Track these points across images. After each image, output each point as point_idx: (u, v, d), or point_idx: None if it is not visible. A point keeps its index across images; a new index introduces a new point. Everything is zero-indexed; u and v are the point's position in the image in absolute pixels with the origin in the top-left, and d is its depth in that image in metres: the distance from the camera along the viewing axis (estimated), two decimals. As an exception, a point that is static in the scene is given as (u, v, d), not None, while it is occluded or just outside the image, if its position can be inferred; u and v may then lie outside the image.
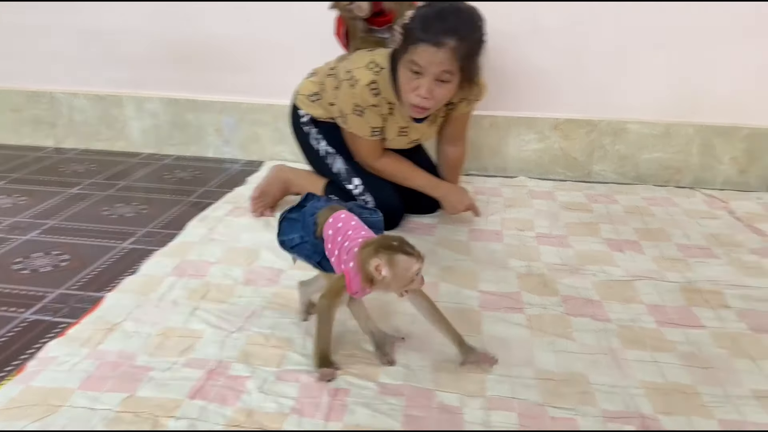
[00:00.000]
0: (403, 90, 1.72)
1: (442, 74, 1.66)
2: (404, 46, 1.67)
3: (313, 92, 1.96)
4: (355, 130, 1.84)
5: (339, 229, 1.23)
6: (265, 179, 2.08)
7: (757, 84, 2.36)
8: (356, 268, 1.16)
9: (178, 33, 2.60)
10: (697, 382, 1.24)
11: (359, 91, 1.76)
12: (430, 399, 1.17)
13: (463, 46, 1.63)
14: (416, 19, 1.66)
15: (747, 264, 1.76)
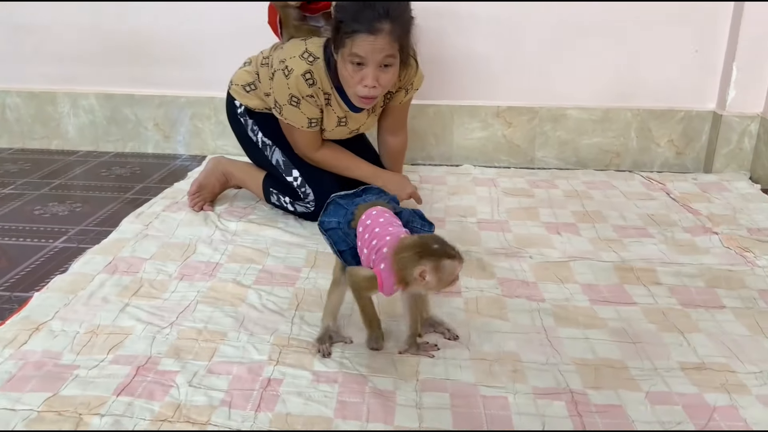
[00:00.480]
0: (349, 84, 1.68)
1: (385, 59, 1.63)
2: (339, 39, 1.65)
3: (248, 82, 1.92)
4: (291, 120, 1.80)
5: (367, 227, 1.20)
6: (203, 173, 2.04)
7: (691, 68, 2.42)
8: (390, 270, 1.13)
9: (112, 26, 2.54)
10: (626, 356, 1.27)
11: (294, 82, 1.72)
12: (363, 384, 1.17)
13: (397, 27, 1.61)
14: (344, 11, 1.62)
15: (680, 242, 1.80)
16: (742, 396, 1.14)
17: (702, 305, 1.46)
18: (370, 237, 1.18)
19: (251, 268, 1.62)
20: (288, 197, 1.91)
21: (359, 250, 1.21)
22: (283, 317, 1.40)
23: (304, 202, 1.89)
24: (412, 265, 1.10)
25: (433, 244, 1.12)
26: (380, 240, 1.16)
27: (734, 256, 1.71)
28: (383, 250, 1.14)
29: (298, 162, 1.90)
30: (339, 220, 1.25)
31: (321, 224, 1.27)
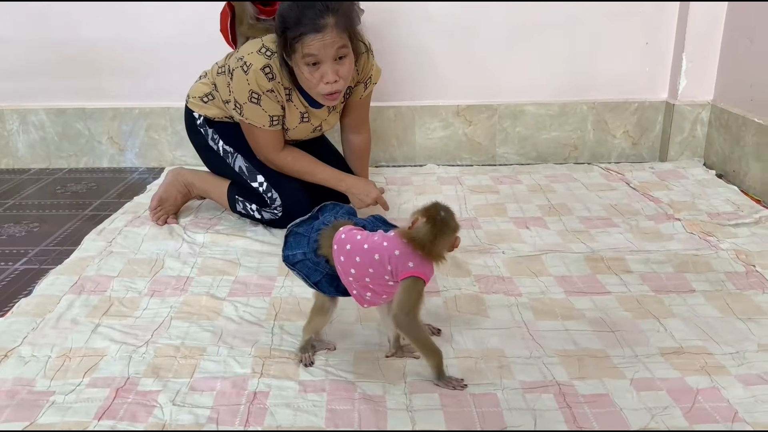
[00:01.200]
0: (311, 85, 1.68)
1: (338, 51, 1.63)
2: (288, 46, 1.63)
3: (205, 93, 1.89)
4: (252, 119, 1.75)
5: (350, 251, 1.14)
6: (163, 186, 1.99)
7: (642, 60, 2.48)
8: (423, 259, 1.12)
9: (61, 38, 2.46)
10: (606, 345, 1.29)
11: (253, 76, 1.69)
12: (351, 391, 1.16)
13: (341, 18, 1.61)
14: (285, 17, 1.62)
15: (645, 230, 1.85)
16: (722, 377, 1.17)
17: (673, 290, 1.50)
18: (363, 258, 1.14)
19: (224, 279, 1.59)
20: (255, 204, 1.88)
21: (343, 274, 1.17)
22: (262, 328, 1.37)
23: (270, 209, 1.86)
24: (448, 239, 1.12)
25: (441, 212, 1.12)
26: (381, 251, 1.13)
27: (698, 241, 1.76)
28: (395, 253, 1.12)
29: (261, 167, 1.87)
30: (304, 251, 1.20)
31: (286, 259, 1.22)
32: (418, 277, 1.13)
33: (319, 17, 1.58)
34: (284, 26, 1.62)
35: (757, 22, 2.16)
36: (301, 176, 1.87)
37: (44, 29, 2.45)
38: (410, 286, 1.13)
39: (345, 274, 1.16)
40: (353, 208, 1.31)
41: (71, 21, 2.44)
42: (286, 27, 1.62)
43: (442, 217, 1.12)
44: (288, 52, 1.65)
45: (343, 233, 1.18)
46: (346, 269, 1.16)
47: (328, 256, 1.18)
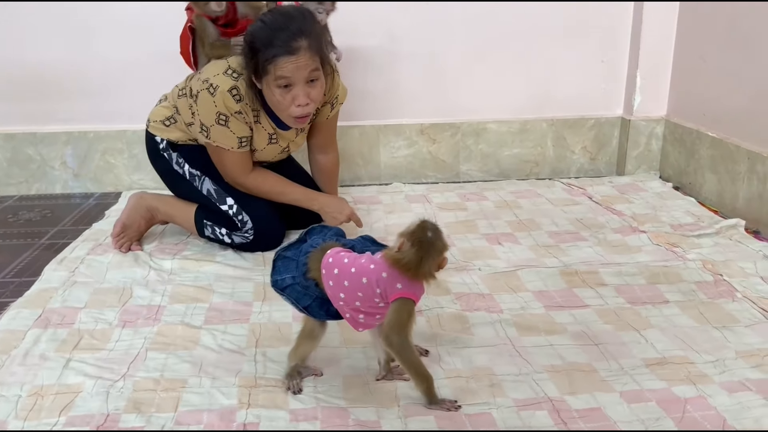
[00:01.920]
0: (281, 107, 1.66)
1: (311, 74, 1.62)
2: (260, 67, 1.61)
3: (166, 116, 1.85)
4: (220, 142, 1.72)
5: (338, 276, 1.13)
6: (125, 211, 1.91)
7: (598, 78, 2.56)
8: (412, 280, 1.10)
9: (8, 60, 2.36)
10: (592, 359, 1.30)
11: (220, 98, 1.66)
12: (345, 418, 1.13)
13: (314, 41, 1.61)
14: (257, 40, 1.60)
15: (613, 243, 1.89)
16: (707, 385, 1.20)
17: (648, 302, 1.53)
18: (351, 282, 1.12)
19: (197, 307, 1.54)
20: (224, 228, 1.83)
21: (333, 299, 1.15)
22: (243, 356, 1.33)
23: (241, 232, 1.82)
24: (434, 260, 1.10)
25: (428, 233, 1.10)
26: (369, 274, 1.12)
27: (665, 252, 1.80)
28: (383, 275, 1.11)
29: (230, 189, 1.83)
30: (293, 275, 1.18)
31: (275, 284, 1.19)
32: (407, 298, 1.12)
33: (293, 39, 1.58)
34: (255, 48, 1.60)
35: (706, 41, 2.25)
36: (271, 197, 1.84)
37: (-10, 51, 2.35)
38: (400, 308, 1.12)
39: (335, 298, 1.14)
40: (341, 229, 1.29)
41: (17, 42, 2.34)
42: (257, 48, 1.60)
43: (429, 238, 1.11)
44: (258, 74, 1.63)
45: (331, 257, 1.16)
46: (336, 294, 1.14)
47: (317, 279, 1.16)
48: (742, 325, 1.42)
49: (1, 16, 2.32)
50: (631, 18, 2.48)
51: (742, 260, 1.74)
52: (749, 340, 1.36)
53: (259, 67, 1.61)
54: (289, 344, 1.34)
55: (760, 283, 1.61)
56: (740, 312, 1.47)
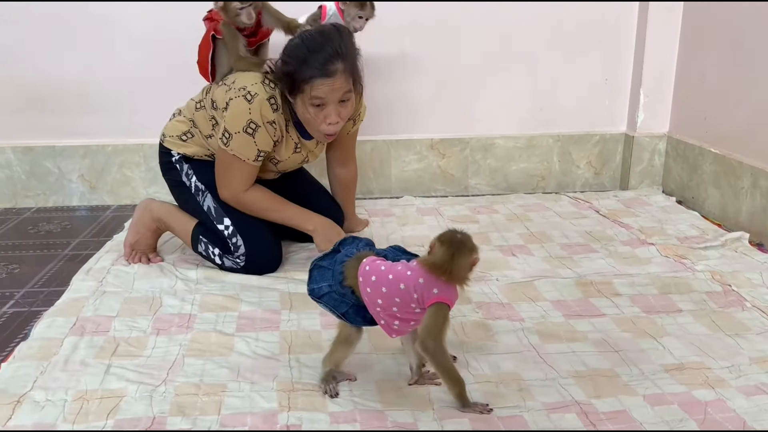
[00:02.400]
0: (313, 124, 1.70)
1: (344, 95, 1.67)
2: (295, 87, 1.65)
3: (183, 131, 1.87)
4: (238, 151, 1.71)
5: (376, 282, 1.18)
6: (131, 229, 1.93)
7: (602, 95, 2.64)
8: (447, 281, 1.16)
9: (30, 76, 2.41)
10: (614, 365, 1.36)
11: (257, 106, 1.68)
12: (383, 420, 1.18)
13: (348, 64, 1.65)
14: (294, 60, 1.64)
15: (623, 255, 1.95)
16: (725, 389, 1.26)
17: (662, 311, 1.59)
18: (389, 288, 1.17)
19: (228, 315, 1.59)
20: (218, 248, 1.82)
21: (370, 305, 1.20)
22: (278, 362, 1.38)
23: (233, 257, 1.80)
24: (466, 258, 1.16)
25: (457, 235, 1.18)
26: (406, 280, 1.17)
27: (674, 264, 1.87)
28: (420, 281, 1.16)
29: (230, 210, 1.81)
30: (330, 283, 1.23)
31: (312, 292, 1.24)
32: (443, 303, 1.17)
33: (329, 62, 1.61)
34: (292, 67, 1.64)
35: (706, 61, 2.34)
36: (266, 215, 1.82)
37: (13, 67, 2.40)
38: (436, 312, 1.17)
39: (372, 304, 1.20)
40: (371, 240, 1.34)
41: (37, 57, 2.40)
42: (294, 67, 1.64)
43: (459, 238, 1.17)
44: (294, 91, 1.67)
45: (367, 265, 1.21)
46: (373, 300, 1.19)
47: (354, 287, 1.21)
48: (754, 333, 1.48)
49: (22, 32, 2.37)
50: (634, 38, 2.56)
51: (748, 271, 1.80)
52: (761, 347, 1.42)
53: (294, 84, 1.65)
54: (320, 350, 1.40)
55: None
56: (750, 320, 1.54)
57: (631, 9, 2.54)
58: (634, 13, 2.54)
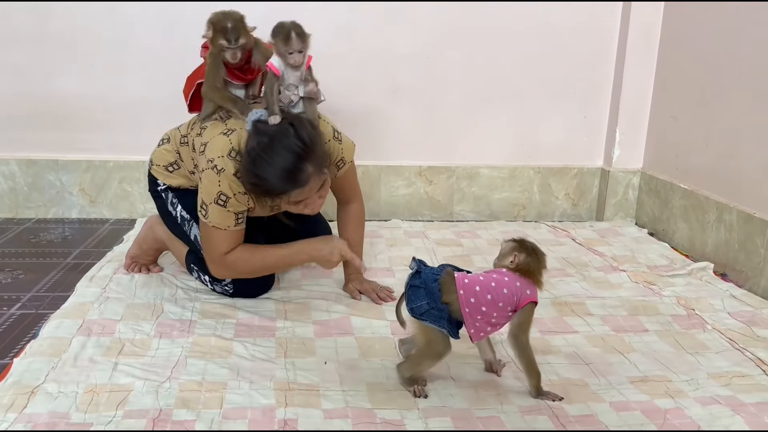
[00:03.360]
0: (294, 210, 1.67)
1: (321, 187, 1.64)
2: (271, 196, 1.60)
3: (170, 162, 1.86)
4: (216, 222, 1.66)
5: (479, 292, 1.33)
6: (135, 243, 2.02)
7: (581, 131, 2.80)
8: (536, 284, 1.37)
9: (37, 93, 2.52)
10: (583, 375, 1.48)
11: (225, 181, 1.62)
12: (372, 417, 1.28)
13: (315, 159, 1.58)
14: (260, 180, 1.56)
15: (596, 279, 2.08)
16: (683, 399, 1.39)
17: (630, 330, 1.72)
18: (494, 295, 1.32)
19: (226, 322, 1.69)
20: (207, 276, 1.83)
21: (473, 313, 1.33)
22: (275, 365, 1.48)
23: (221, 285, 1.82)
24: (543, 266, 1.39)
25: (529, 245, 1.39)
26: (507, 285, 1.34)
27: (643, 289, 2.01)
28: (517, 284, 1.34)
29: None
30: (427, 302, 1.33)
31: (412, 311, 1.35)
32: (533, 302, 1.35)
33: (298, 172, 1.55)
34: (262, 187, 1.58)
35: (678, 103, 2.51)
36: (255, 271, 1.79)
37: (22, 83, 2.51)
38: (528, 311, 1.36)
39: (475, 312, 1.33)
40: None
41: (47, 75, 2.51)
42: (265, 188, 1.58)
43: (527, 245, 1.39)
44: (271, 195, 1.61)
45: (465, 278, 1.36)
46: (477, 308, 1.33)
47: (451, 301, 1.33)
48: (713, 352, 1.61)
49: (35, 51, 2.48)
50: (612, 79, 2.74)
51: (711, 298, 1.94)
52: (718, 364, 1.55)
53: (269, 196, 1.61)
54: (314, 356, 1.51)
55: (728, 318, 1.81)
56: (710, 341, 1.67)
57: (609, 52, 2.72)
58: (612, 56, 2.72)
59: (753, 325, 1.77)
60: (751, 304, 1.90)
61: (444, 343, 1.35)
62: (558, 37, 2.68)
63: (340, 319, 1.74)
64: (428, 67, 2.65)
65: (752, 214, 2.07)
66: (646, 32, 2.63)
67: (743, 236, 2.11)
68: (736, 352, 1.61)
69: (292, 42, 1.60)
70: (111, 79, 2.54)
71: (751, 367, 1.54)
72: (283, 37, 1.61)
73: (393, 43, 2.60)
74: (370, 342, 1.60)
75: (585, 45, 2.71)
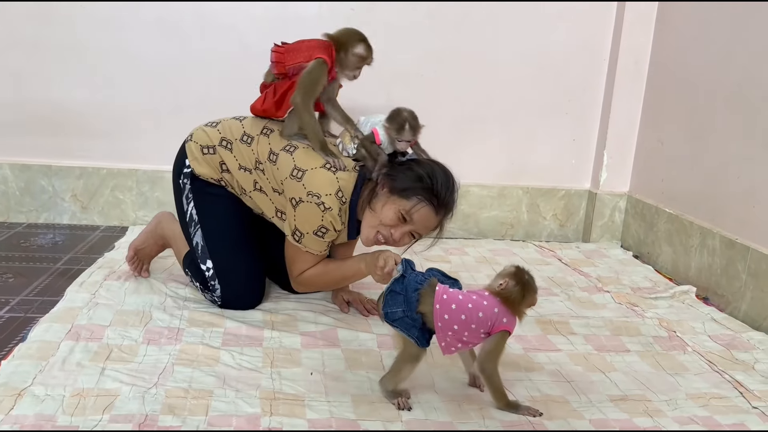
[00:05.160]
0: (377, 224, 1.70)
1: (423, 231, 1.72)
2: (404, 193, 1.66)
3: (207, 145, 1.82)
4: (311, 248, 1.75)
5: (455, 310, 1.34)
6: (142, 235, 2.05)
7: (569, 154, 2.85)
8: (514, 314, 1.36)
9: (34, 99, 2.54)
10: (565, 392, 1.51)
11: (329, 218, 1.70)
12: (356, 427, 1.30)
13: (445, 219, 1.72)
14: (426, 179, 1.66)
15: (581, 299, 2.12)
16: (661, 418, 1.41)
17: (612, 350, 1.75)
18: (468, 316, 1.34)
19: (214, 331, 1.70)
20: (199, 283, 1.87)
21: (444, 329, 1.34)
22: (261, 374, 1.49)
23: (213, 294, 1.84)
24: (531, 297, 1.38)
25: (526, 275, 1.38)
26: (484, 309, 1.35)
27: (626, 310, 2.04)
28: (495, 310, 1.35)
29: (214, 252, 1.83)
30: (403, 309, 1.37)
31: (386, 316, 1.38)
32: (507, 331, 1.36)
33: (444, 206, 1.69)
34: (427, 186, 1.65)
35: (665, 129, 2.57)
36: (331, 283, 1.87)
37: (19, 89, 2.53)
38: (500, 339, 1.36)
39: (446, 329, 1.35)
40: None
41: (44, 82, 2.54)
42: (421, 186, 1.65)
43: (527, 279, 1.38)
44: (395, 192, 1.67)
45: (444, 294, 1.37)
46: (449, 326, 1.34)
47: (426, 312, 1.36)
48: (692, 373, 1.64)
49: (32, 58, 2.51)
50: (601, 104, 2.80)
51: (692, 321, 1.98)
52: (697, 385, 1.58)
53: (405, 191, 1.66)
54: (300, 366, 1.53)
55: (708, 341, 1.85)
56: (690, 363, 1.70)
57: (599, 77, 2.78)
58: (602, 80, 2.78)
59: (732, 348, 1.80)
60: (732, 328, 1.94)
61: (417, 349, 1.38)
62: (549, 61, 2.74)
63: (327, 330, 1.76)
64: (421, 86, 2.69)
65: (734, 240, 2.12)
66: (635, 58, 2.69)
67: (725, 261, 2.15)
68: (715, 374, 1.64)
69: (404, 134, 1.71)
70: (107, 87, 2.57)
71: (728, 389, 1.57)
72: (397, 126, 1.71)
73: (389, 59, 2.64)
74: (356, 354, 1.62)
75: (576, 70, 2.77)
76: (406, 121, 1.71)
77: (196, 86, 2.58)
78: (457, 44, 2.68)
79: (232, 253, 1.85)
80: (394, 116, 1.73)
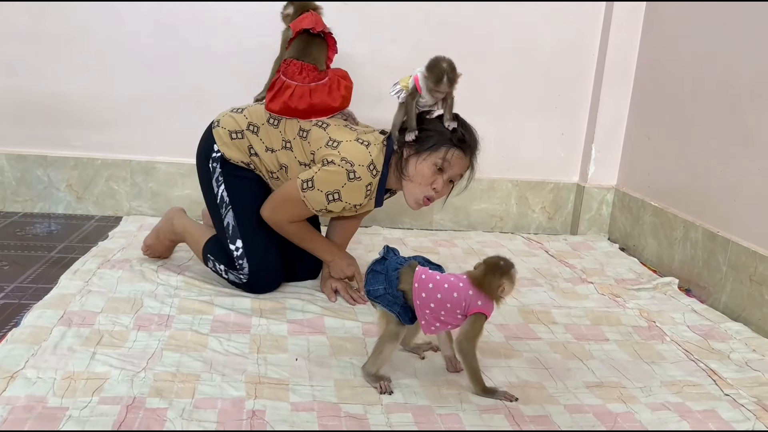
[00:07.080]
0: (420, 183, 1.81)
1: (457, 177, 1.85)
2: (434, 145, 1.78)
3: (235, 130, 1.88)
4: (309, 201, 1.79)
5: (432, 289, 1.40)
6: (153, 233, 2.10)
7: (558, 148, 2.89)
8: (488, 298, 1.40)
9: (30, 89, 2.58)
10: (542, 379, 1.55)
11: (353, 188, 1.77)
12: (337, 410, 1.35)
13: (473, 158, 1.87)
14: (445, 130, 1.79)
15: (564, 290, 2.16)
16: (635, 405, 1.46)
17: (592, 339, 1.80)
18: (443, 295, 1.39)
19: (203, 318, 1.75)
20: (223, 265, 1.92)
21: (422, 307, 1.40)
22: (247, 359, 1.54)
23: (238, 273, 1.90)
24: (495, 280, 1.39)
25: (500, 262, 1.41)
26: (459, 290, 1.40)
27: (608, 301, 2.08)
28: (469, 293, 1.39)
29: (246, 232, 1.89)
30: (384, 287, 1.43)
31: (368, 293, 1.46)
32: (482, 314, 1.40)
33: (470, 147, 1.83)
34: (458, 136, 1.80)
35: (653, 124, 2.61)
36: (296, 241, 1.93)
37: (15, 79, 2.56)
38: (475, 321, 1.41)
39: (424, 307, 1.40)
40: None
41: (40, 72, 2.57)
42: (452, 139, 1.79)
43: (493, 262, 1.42)
44: (425, 146, 1.79)
45: (423, 273, 1.42)
46: (426, 303, 1.40)
47: (407, 291, 1.42)
48: (668, 362, 1.69)
49: (29, 48, 2.54)
50: (590, 98, 2.83)
51: (673, 311, 2.02)
52: (672, 374, 1.62)
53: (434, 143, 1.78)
54: (286, 352, 1.57)
55: (686, 331, 1.89)
56: (668, 352, 1.75)
57: (588, 72, 2.81)
58: (590, 76, 2.82)
59: (709, 338, 1.85)
60: (711, 319, 1.99)
61: (397, 326, 1.44)
62: (539, 57, 2.78)
63: (314, 318, 1.80)
64: (412, 80, 2.72)
65: (716, 233, 2.16)
66: (623, 55, 2.73)
67: (707, 254, 2.20)
68: (691, 362, 1.69)
69: (442, 86, 1.74)
70: (103, 78, 2.60)
71: (702, 377, 1.61)
72: (435, 78, 1.73)
73: (379, 52, 2.68)
74: (341, 341, 1.67)
75: (565, 66, 2.80)
76: (444, 72, 1.73)
77: (191, 78, 2.62)
78: (448, 39, 2.71)
79: (261, 232, 1.91)
80: (432, 66, 1.75)
